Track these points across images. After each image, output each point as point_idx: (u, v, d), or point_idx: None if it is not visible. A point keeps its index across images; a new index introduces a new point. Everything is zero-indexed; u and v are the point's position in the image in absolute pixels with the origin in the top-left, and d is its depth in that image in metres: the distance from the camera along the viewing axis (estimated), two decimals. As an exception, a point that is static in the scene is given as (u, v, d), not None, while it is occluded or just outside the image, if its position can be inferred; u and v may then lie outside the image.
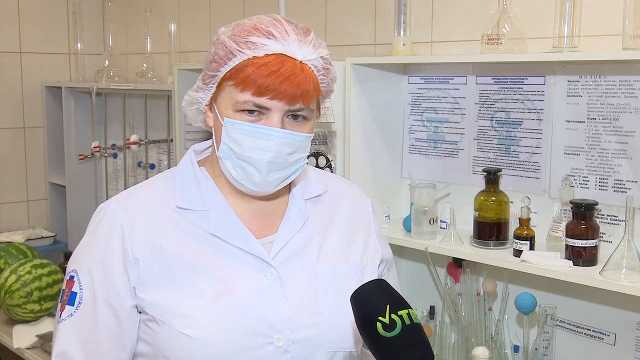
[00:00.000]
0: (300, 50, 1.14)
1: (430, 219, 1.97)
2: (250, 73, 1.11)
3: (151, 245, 1.18)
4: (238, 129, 1.14)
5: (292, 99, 1.12)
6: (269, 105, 1.12)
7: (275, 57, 1.12)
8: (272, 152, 1.14)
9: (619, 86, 1.74)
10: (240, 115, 1.14)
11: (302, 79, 1.12)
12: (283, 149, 1.15)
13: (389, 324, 0.96)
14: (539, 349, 1.82)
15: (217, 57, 1.16)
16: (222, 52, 1.15)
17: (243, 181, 1.17)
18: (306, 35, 1.16)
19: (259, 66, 1.11)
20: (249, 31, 1.14)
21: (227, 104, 1.16)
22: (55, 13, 3.52)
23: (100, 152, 3.32)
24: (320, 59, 1.16)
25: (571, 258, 1.68)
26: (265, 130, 1.13)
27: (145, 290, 1.17)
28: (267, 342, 1.16)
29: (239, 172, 1.17)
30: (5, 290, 2.58)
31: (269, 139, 1.13)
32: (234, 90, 1.14)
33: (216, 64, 1.16)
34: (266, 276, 1.20)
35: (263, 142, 1.13)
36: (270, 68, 1.11)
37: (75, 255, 1.24)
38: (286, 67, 1.11)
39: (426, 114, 2.18)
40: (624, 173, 1.75)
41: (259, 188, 1.18)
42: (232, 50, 1.14)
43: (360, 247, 1.32)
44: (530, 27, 1.85)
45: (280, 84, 1.11)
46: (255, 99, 1.12)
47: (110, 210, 1.21)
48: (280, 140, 1.14)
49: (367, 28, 2.34)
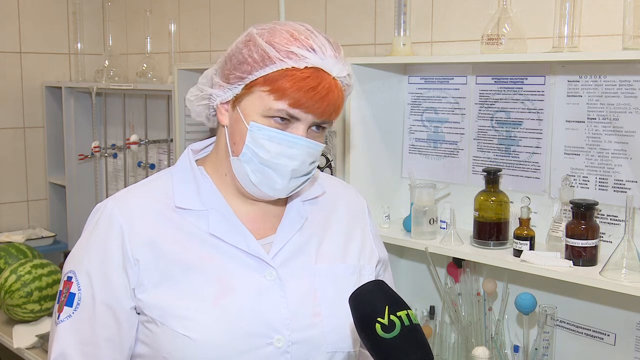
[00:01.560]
0: (334, 66, 1.16)
1: (430, 219, 1.97)
2: (289, 86, 1.12)
3: (150, 246, 1.17)
4: (265, 134, 1.14)
5: (323, 114, 1.15)
6: (301, 116, 1.14)
7: (313, 72, 1.13)
8: (298, 160, 1.15)
9: (619, 86, 1.74)
10: (268, 121, 1.14)
11: (336, 96, 1.16)
12: (307, 159, 1.17)
13: (388, 325, 0.96)
14: (539, 349, 1.82)
15: (251, 59, 1.15)
16: (257, 57, 1.14)
17: (261, 186, 1.18)
18: (339, 51, 1.18)
19: (298, 79, 1.12)
20: (288, 40, 1.14)
21: (256, 108, 1.15)
22: (55, 13, 3.52)
23: (100, 152, 3.32)
24: (348, 77, 1.20)
25: (571, 258, 1.68)
26: (293, 139, 1.14)
27: (144, 291, 1.17)
28: (267, 343, 1.16)
29: (258, 176, 1.17)
30: (5, 290, 2.58)
31: (297, 148, 1.15)
32: (267, 97, 1.14)
33: (249, 67, 1.15)
34: (265, 277, 1.19)
35: (290, 150, 1.15)
36: (309, 84, 1.12)
37: (72, 255, 1.23)
38: (324, 85, 1.13)
39: (426, 114, 2.18)
40: (624, 173, 1.75)
41: (277, 194, 1.19)
42: (271, 57, 1.13)
43: (358, 248, 1.33)
44: (530, 27, 1.85)
45: (318, 101, 1.13)
46: (290, 109, 1.13)
47: (107, 210, 1.21)
48: (306, 150, 1.16)
49: (367, 28, 2.34)
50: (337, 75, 1.16)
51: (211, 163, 1.26)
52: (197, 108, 1.27)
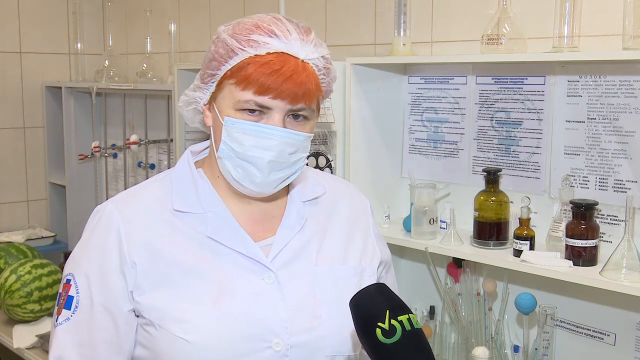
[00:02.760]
0: (302, 49, 1.13)
1: (430, 219, 1.97)
2: (252, 72, 1.10)
3: (148, 249, 1.17)
4: (239, 128, 1.13)
5: (294, 98, 1.11)
6: (271, 104, 1.11)
7: (277, 56, 1.11)
8: (274, 151, 1.13)
9: (619, 86, 1.74)
10: (241, 114, 1.13)
11: (304, 78, 1.12)
12: (285, 149, 1.14)
13: (389, 330, 0.95)
14: (539, 349, 1.82)
15: (217, 55, 1.15)
16: (222, 51, 1.14)
17: (244, 182, 1.16)
18: (308, 34, 1.15)
19: (260, 64, 1.10)
20: (250, 29, 1.13)
21: (227, 102, 1.14)
22: (55, 13, 3.52)
23: (100, 152, 3.31)
24: (321, 59, 1.16)
25: (571, 258, 1.68)
26: (267, 130, 1.12)
27: (142, 294, 1.16)
28: (266, 347, 1.15)
29: (239, 172, 1.15)
30: (5, 290, 2.58)
31: (271, 138, 1.12)
32: (235, 89, 1.13)
33: (216, 63, 1.15)
34: (264, 280, 1.18)
35: (265, 142, 1.12)
36: (272, 67, 1.10)
37: (72, 258, 1.23)
38: (288, 66, 1.11)
39: (426, 114, 2.18)
40: (624, 173, 1.75)
41: (260, 188, 1.17)
42: (233, 49, 1.13)
43: (359, 249, 1.31)
44: (530, 27, 1.85)
45: (283, 83, 1.10)
46: (257, 97, 1.11)
47: (106, 212, 1.20)
48: (282, 140, 1.13)
49: (367, 28, 2.34)
50: (305, 57, 1.13)
51: (208, 165, 1.26)
52: (187, 114, 1.26)
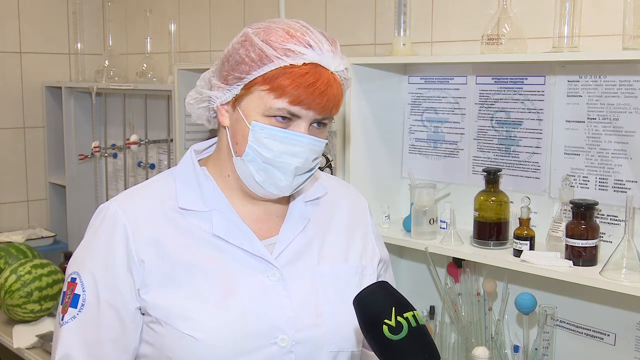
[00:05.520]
0: (333, 61, 1.16)
1: (430, 219, 1.97)
2: (288, 83, 1.12)
3: (155, 246, 1.18)
4: (268, 133, 1.14)
5: (324, 109, 1.15)
6: (301, 113, 1.14)
7: (311, 68, 1.14)
8: (301, 158, 1.16)
9: (619, 86, 1.74)
10: (269, 120, 1.15)
11: (335, 91, 1.16)
12: (310, 155, 1.17)
13: (396, 327, 0.96)
14: (539, 349, 1.82)
15: (248, 59, 1.15)
16: (254, 56, 1.14)
17: (266, 185, 1.18)
18: (336, 46, 1.18)
19: (297, 76, 1.12)
20: (284, 37, 1.14)
21: (255, 107, 1.15)
22: (55, 13, 3.52)
23: (100, 152, 3.32)
24: (345, 71, 1.20)
25: (571, 258, 1.68)
26: (296, 137, 1.15)
27: (148, 292, 1.17)
28: (271, 343, 1.16)
29: (262, 175, 1.17)
30: (5, 290, 2.58)
31: (300, 145, 1.15)
32: (266, 96, 1.14)
33: (247, 67, 1.15)
34: (269, 277, 1.20)
35: (294, 148, 1.15)
36: (308, 80, 1.12)
37: (76, 257, 1.23)
38: (322, 80, 1.14)
39: (426, 114, 2.18)
40: (624, 173, 1.75)
41: (281, 192, 1.19)
42: (268, 56, 1.13)
43: (359, 248, 1.33)
44: (530, 27, 1.85)
45: (318, 97, 1.13)
46: (291, 107, 1.13)
47: (111, 211, 1.21)
48: (309, 147, 1.16)
49: (367, 28, 2.34)
50: (335, 69, 1.16)
51: (213, 164, 1.27)
52: (197, 111, 1.27)
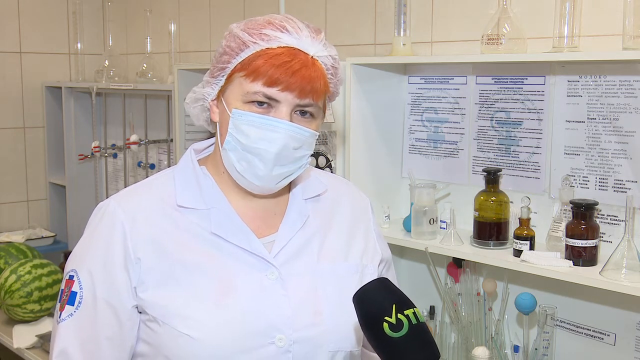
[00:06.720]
0: (312, 45, 1.15)
1: (430, 219, 1.97)
2: (262, 63, 1.12)
3: (153, 245, 1.18)
4: (246, 120, 1.14)
5: (302, 92, 1.13)
6: (279, 97, 1.13)
7: (287, 50, 1.13)
8: (279, 144, 1.14)
9: (619, 86, 1.74)
10: (249, 107, 1.14)
11: (313, 74, 1.14)
12: (290, 143, 1.15)
13: (396, 324, 0.95)
14: (539, 349, 1.82)
15: (228, 49, 1.17)
16: (234, 44, 1.16)
17: (246, 174, 1.17)
18: (318, 33, 1.18)
19: (271, 56, 1.12)
20: (262, 25, 1.16)
21: (236, 95, 1.16)
22: (55, 13, 3.53)
23: (100, 152, 3.32)
24: (330, 57, 1.18)
25: (571, 258, 1.68)
26: (273, 122, 1.13)
27: (145, 290, 1.17)
28: (269, 342, 1.16)
29: (243, 165, 1.16)
30: (5, 290, 2.58)
31: (277, 131, 1.13)
32: (244, 81, 1.14)
33: (227, 56, 1.17)
34: (267, 276, 1.19)
35: (271, 134, 1.13)
36: (282, 59, 1.12)
37: (74, 254, 1.24)
38: (298, 60, 1.13)
39: (426, 114, 2.18)
40: (624, 173, 1.75)
41: (262, 182, 1.17)
42: (245, 42, 1.15)
43: (360, 247, 1.32)
44: (530, 27, 1.85)
45: (292, 76, 1.11)
46: (266, 89, 1.12)
47: (110, 209, 1.21)
48: (288, 133, 1.14)
49: (367, 28, 2.34)
50: (315, 54, 1.15)
51: (212, 162, 1.27)
52: (194, 110, 1.28)
